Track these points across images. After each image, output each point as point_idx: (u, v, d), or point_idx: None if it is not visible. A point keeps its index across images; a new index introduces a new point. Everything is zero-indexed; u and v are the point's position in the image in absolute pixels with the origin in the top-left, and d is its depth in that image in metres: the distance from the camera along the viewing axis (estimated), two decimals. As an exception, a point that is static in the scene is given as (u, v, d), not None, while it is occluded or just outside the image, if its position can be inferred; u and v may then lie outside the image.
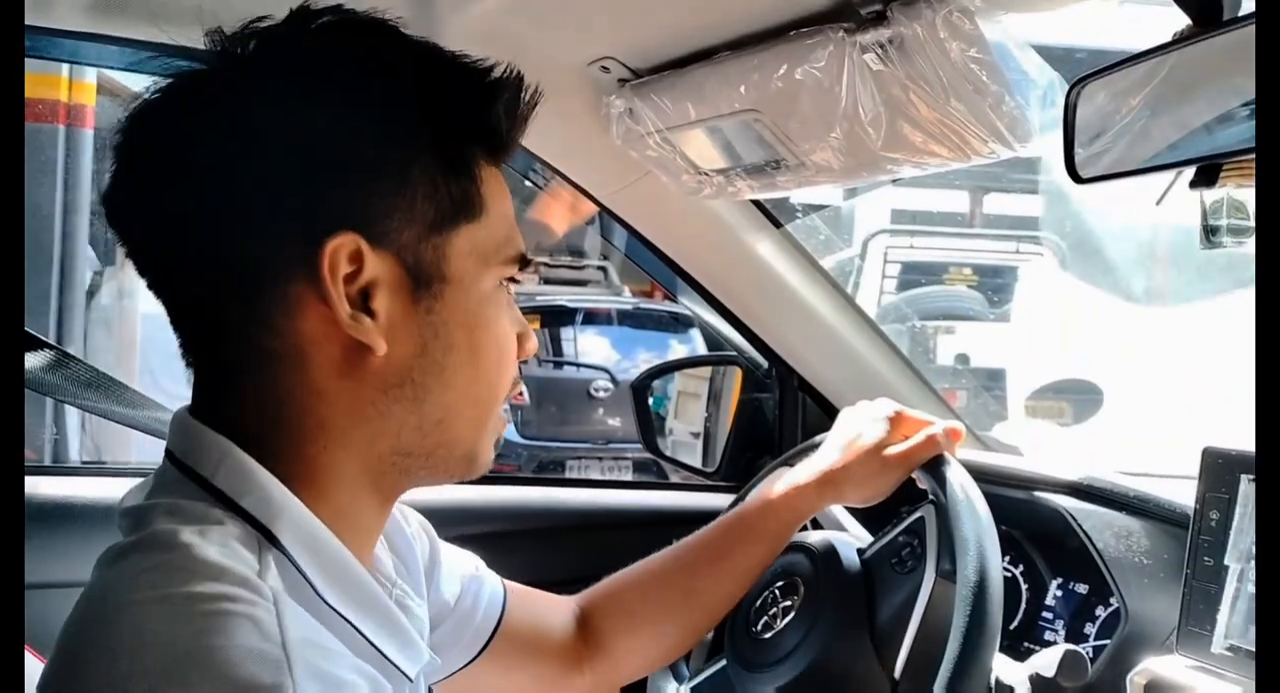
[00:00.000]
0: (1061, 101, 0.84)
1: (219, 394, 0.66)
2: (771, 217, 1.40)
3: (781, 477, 1.06)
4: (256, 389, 0.65)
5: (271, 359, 0.64)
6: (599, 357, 5.79)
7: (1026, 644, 1.14)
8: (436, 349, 0.67)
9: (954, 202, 7.24)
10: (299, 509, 0.63)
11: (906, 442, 1.01)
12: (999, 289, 5.71)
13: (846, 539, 1.06)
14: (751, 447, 1.62)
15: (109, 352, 4.18)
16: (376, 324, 0.64)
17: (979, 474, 0.98)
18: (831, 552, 1.02)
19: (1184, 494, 1.00)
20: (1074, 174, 0.83)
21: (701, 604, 1.04)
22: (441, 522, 0.94)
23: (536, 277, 7.00)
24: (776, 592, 1.03)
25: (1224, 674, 0.88)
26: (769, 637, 1.01)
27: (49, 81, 3.64)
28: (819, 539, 1.04)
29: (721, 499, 1.33)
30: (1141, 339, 4.55)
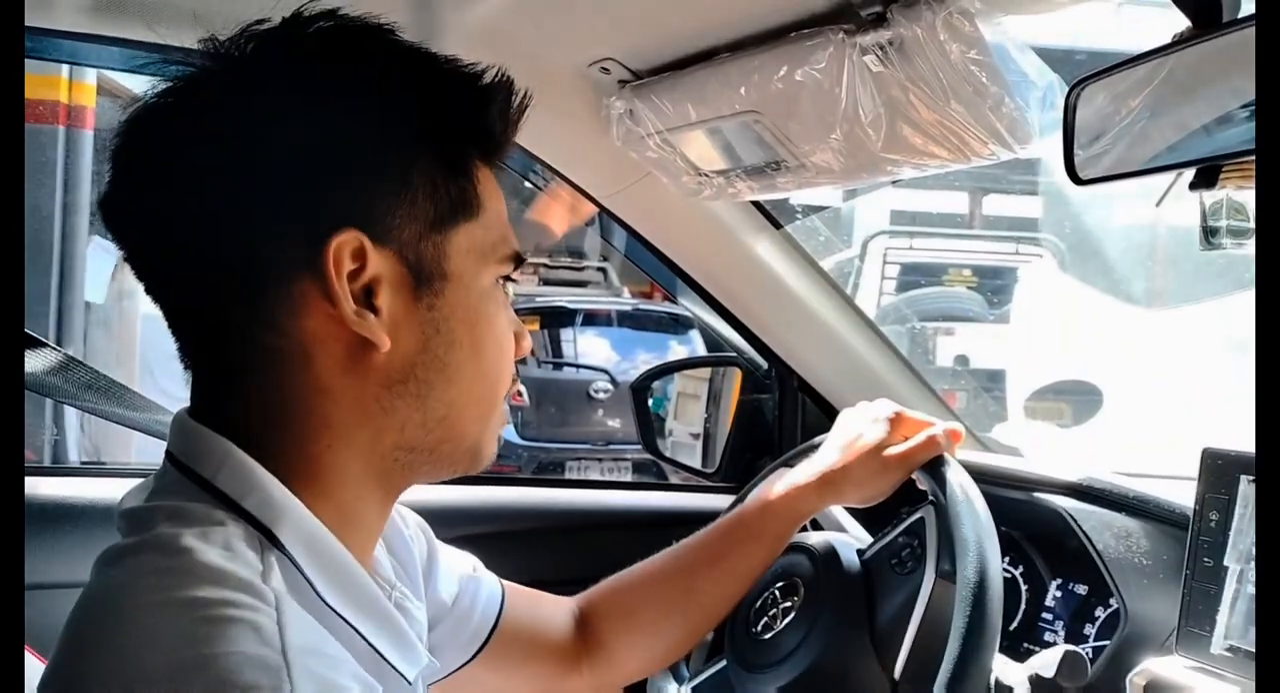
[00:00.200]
0: (1061, 103, 0.84)
1: (220, 395, 0.66)
2: (771, 218, 1.40)
3: (781, 478, 1.06)
4: (260, 389, 0.65)
5: (275, 358, 0.64)
6: (598, 358, 5.79)
7: (1026, 645, 1.14)
8: (439, 345, 0.67)
9: (953, 203, 7.24)
10: (300, 510, 0.64)
11: (906, 442, 1.01)
12: (998, 290, 5.71)
13: (846, 540, 1.06)
14: (751, 448, 1.62)
15: (109, 353, 4.18)
16: (380, 321, 0.64)
17: (979, 475, 0.99)
18: (831, 553, 1.02)
19: (1184, 495, 1.00)
20: (1073, 175, 0.83)
21: (701, 605, 1.04)
22: (441, 522, 0.94)
23: (536, 278, 7.00)
24: (776, 593, 1.03)
25: (1223, 675, 0.88)
26: (769, 638, 1.01)
27: (49, 82, 3.64)
28: (819, 540, 1.04)
29: (721, 500, 1.33)
30: (1141, 340, 4.55)
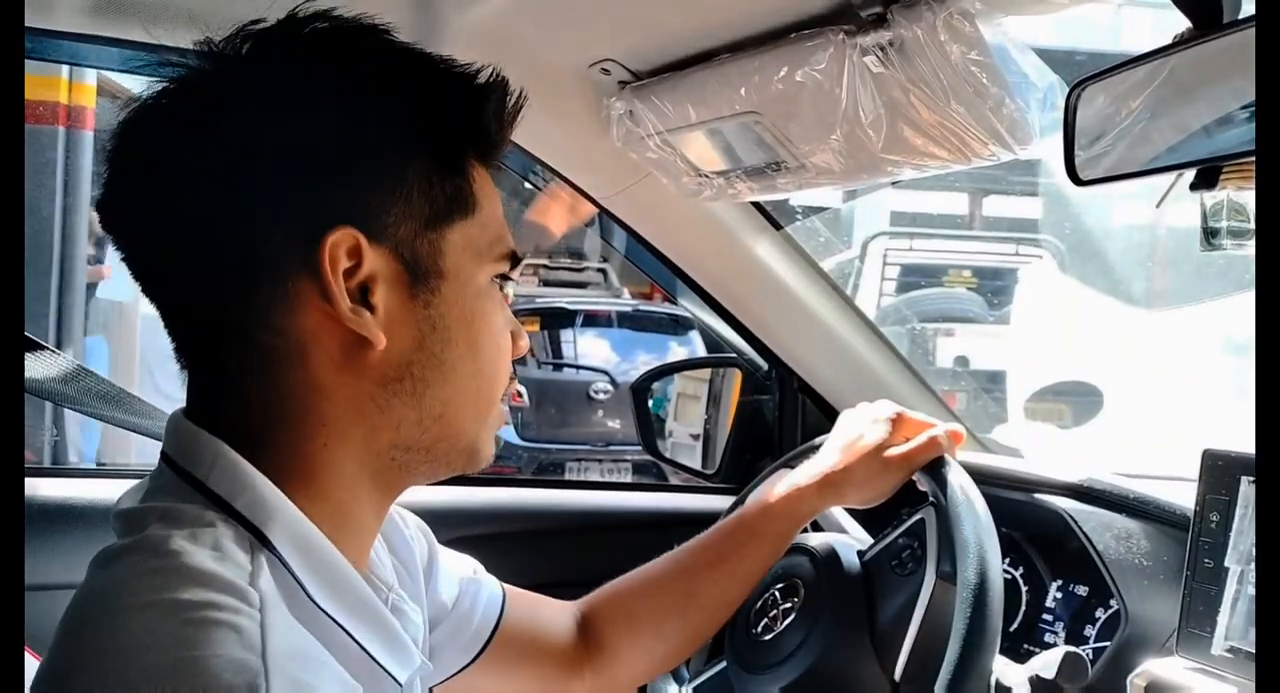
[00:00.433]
0: (1061, 104, 0.84)
1: (218, 395, 0.66)
2: (771, 218, 1.40)
3: (782, 479, 1.06)
4: (256, 389, 0.65)
5: (272, 357, 0.64)
6: (598, 359, 5.79)
7: (1027, 646, 1.14)
8: (435, 343, 0.67)
9: (953, 204, 7.24)
10: (292, 511, 0.64)
11: (908, 443, 1.01)
12: (998, 291, 5.71)
13: (847, 541, 1.06)
14: (751, 449, 1.62)
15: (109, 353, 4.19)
16: (376, 318, 0.64)
17: (979, 476, 0.98)
18: (832, 554, 1.02)
19: (1184, 496, 1.00)
20: (1074, 176, 0.83)
21: (703, 608, 1.04)
22: (440, 523, 0.94)
23: (536, 279, 7.00)
24: (777, 594, 1.03)
25: (1224, 676, 0.88)
26: (769, 639, 1.01)
27: (49, 83, 3.64)
28: (819, 541, 1.04)
29: (721, 501, 1.33)
30: (1141, 341, 4.55)
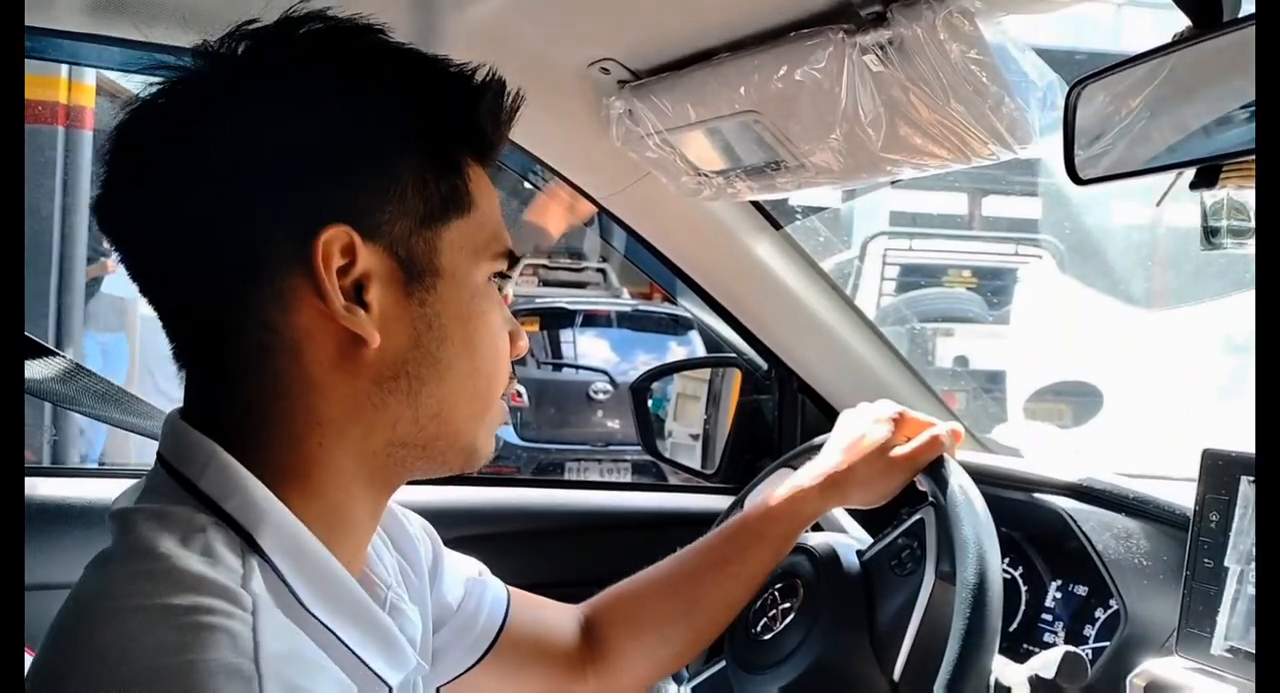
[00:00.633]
0: (1061, 103, 0.84)
1: (214, 395, 0.66)
2: (771, 218, 1.40)
3: (783, 480, 1.06)
4: (253, 388, 0.65)
5: (268, 356, 0.64)
6: (598, 359, 5.79)
7: (1026, 646, 1.14)
8: (430, 341, 0.67)
9: (953, 204, 7.24)
10: (283, 514, 0.63)
11: (910, 443, 1.01)
12: (998, 291, 5.71)
13: (846, 541, 1.06)
14: (751, 449, 1.62)
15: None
16: (370, 316, 0.64)
17: (978, 476, 0.98)
18: (831, 554, 1.02)
19: (1184, 496, 1.00)
20: (1074, 175, 0.83)
21: (706, 610, 1.03)
22: (440, 523, 0.94)
23: (536, 279, 7.00)
24: (776, 593, 1.03)
25: (1223, 676, 0.88)
26: (769, 638, 1.01)
27: (49, 83, 3.65)
28: (819, 541, 1.04)
29: (720, 501, 1.33)
30: (1141, 341, 4.55)
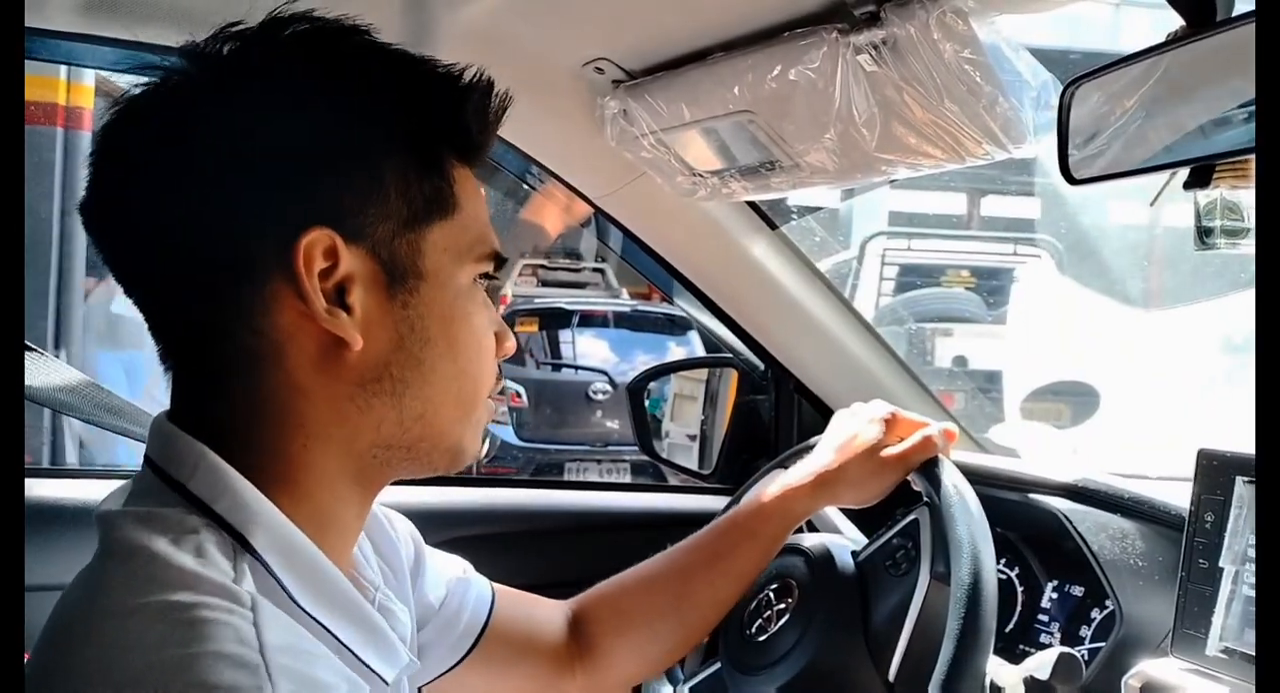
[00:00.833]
0: (1056, 103, 0.84)
1: (200, 397, 0.66)
2: (767, 218, 1.40)
3: (775, 479, 1.06)
4: (238, 390, 0.65)
5: (252, 358, 0.64)
6: (597, 359, 5.79)
7: (1022, 647, 1.14)
8: (413, 343, 0.67)
9: (951, 204, 7.24)
10: (273, 514, 0.64)
11: (902, 443, 1.01)
12: (996, 291, 5.72)
13: (841, 542, 1.05)
14: (747, 449, 1.62)
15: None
16: (353, 319, 0.64)
17: (974, 476, 0.98)
18: (826, 554, 1.02)
19: (1179, 496, 1.00)
20: (1067, 175, 0.83)
21: (696, 608, 1.03)
22: (438, 524, 0.94)
23: (534, 279, 7.01)
24: (771, 594, 1.03)
25: (1218, 677, 0.88)
26: (763, 640, 1.01)
27: (47, 84, 3.64)
28: (814, 542, 1.04)
29: (717, 501, 1.32)
30: (1138, 341, 4.55)
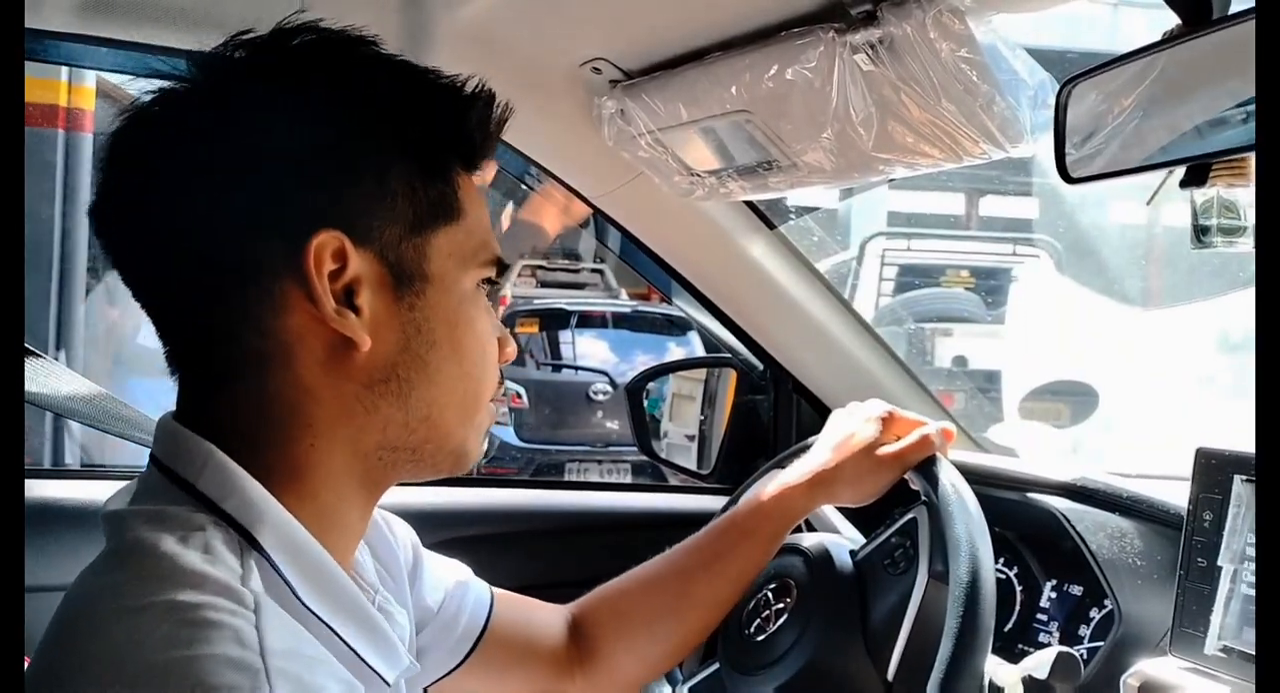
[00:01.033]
0: (1053, 102, 0.84)
1: (207, 398, 0.67)
2: (765, 218, 1.40)
3: (773, 479, 1.06)
4: (245, 391, 0.65)
5: (260, 359, 0.65)
6: (597, 360, 5.80)
7: (1021, 646, 1.14)
8: (420, 345, 0.68)
9: (950, 204, 7.25)
10: (280, 513, 0.64)
11: (899, 442, 1.01)
12: (995, 291, 5.72)
13: (839, 541, 1.05)
14: (746, 449, 1.62)
15: (107, 357, 4.18)
16: (361, 320, 0.65)
17: (972, 475, 0.98)
18: (824, 553, 1.02)
19: (1178, 495, 1.00)
20: (1065, 174, 0.83)
21: (695, 609, 1.03)
22: (438, 524, 0.94)
23: (534, 280, 7.01)
24: (769, 594, 1.03)
25: (1217, 676, 0.88)
26: (762, 639, 1.01)
27: (48, 86, 3.65)
28: (812, 541, 1.04)
29: (716, 502, 1.32)
30: (1136, 340, 4.56)
